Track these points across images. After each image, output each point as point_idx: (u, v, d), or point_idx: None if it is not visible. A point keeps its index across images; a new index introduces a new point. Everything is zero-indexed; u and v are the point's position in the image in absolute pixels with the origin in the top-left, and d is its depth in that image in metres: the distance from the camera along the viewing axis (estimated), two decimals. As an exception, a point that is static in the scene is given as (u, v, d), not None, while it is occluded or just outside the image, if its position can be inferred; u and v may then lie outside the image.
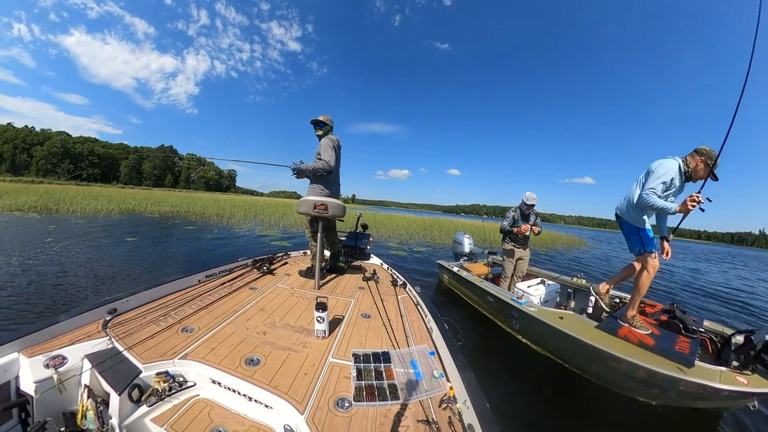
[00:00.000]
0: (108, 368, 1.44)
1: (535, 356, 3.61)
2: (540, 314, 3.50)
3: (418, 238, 14.85)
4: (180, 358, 1.57)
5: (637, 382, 2.75)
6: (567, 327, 3.17)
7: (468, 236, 6.43)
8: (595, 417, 2.79)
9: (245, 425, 1.37)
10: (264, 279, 2.97)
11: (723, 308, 7.36)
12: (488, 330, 4.33)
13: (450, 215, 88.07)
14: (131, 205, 18.30)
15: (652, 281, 3.09)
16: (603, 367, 2.96)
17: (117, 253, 7.33)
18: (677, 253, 26.42)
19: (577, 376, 3.21)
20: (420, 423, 1.29)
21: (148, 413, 1.35)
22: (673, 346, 2.69)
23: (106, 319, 1.81)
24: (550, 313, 3.51)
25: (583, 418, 2.77)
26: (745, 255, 38.53)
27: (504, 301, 4.03)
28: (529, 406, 2.80)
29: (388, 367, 1.63)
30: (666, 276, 11.24)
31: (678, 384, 2.49)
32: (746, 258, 31.19)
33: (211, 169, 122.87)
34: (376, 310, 2.41)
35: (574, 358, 3.30)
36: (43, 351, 1.47)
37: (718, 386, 2.31)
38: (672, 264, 15.61)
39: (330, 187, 3.10)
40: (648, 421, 2.72)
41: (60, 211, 14.47)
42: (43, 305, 3.96)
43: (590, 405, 2.93)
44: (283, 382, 1.46)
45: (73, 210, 15.02)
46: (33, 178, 68.11)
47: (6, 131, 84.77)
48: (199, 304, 2.21)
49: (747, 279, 13.46)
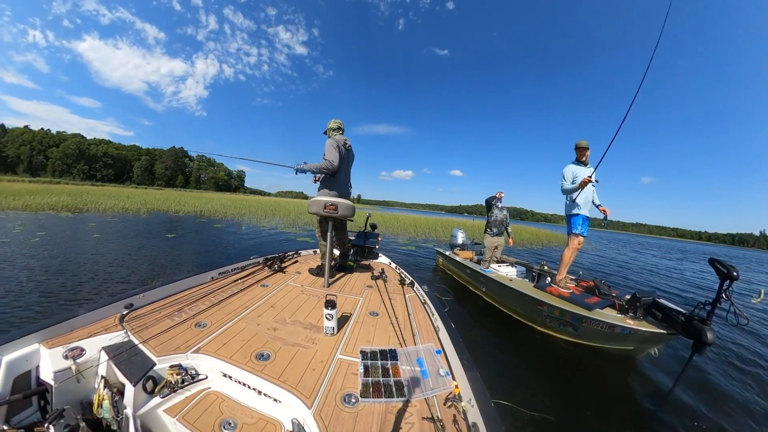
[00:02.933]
0: (124, 360, 1.45)
1: (494, 312, 4.96)
2: (496, 277, 5.07)
3: (424, 235, 15.78)
4: (193, 352, 1.58)
5: (555, 320, 3.93)
6: (513, 285, 4.57)
7: (462, 231, 7.95)
8: (525, 351, 3.80)
9: (254, 418, 1.37)
10: (275, 277, 2.98)
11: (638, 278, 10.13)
12: (466, 294, 5.86)
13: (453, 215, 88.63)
14: (155, 204, 18.59)
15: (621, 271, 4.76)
16: (532, 311, 4.24)
17: (162, 246, 8.09)
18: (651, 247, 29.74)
19: (517, 323, 4.50)
20: (425, 420, 1.28)
21: (161, 404, 1.36)
22: (583, 300, 3.77)
23: (122, 314, 1.83)
24: (503, 277, 5.08)
25: (516, 353, 3.73)
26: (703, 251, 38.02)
27: (476, 271, 5.61)
28: (485, 343, 3.91)
29: (395, 364, 1.62)
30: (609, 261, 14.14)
31: (582, 321, 3.56)
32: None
33: (221, 169, 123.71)
34: (384, 308, 2.40)
35: (516, 305, 4.62)
36: (63, 343, 1.49)
37: (610, 321, 3.32)
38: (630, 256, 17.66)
39: (338, 188, 3.07)
40: (563, 356, 3.67)
41: (90, 210, 14.71)
42: (124, 287, 4.71)
43: (523, 344, 3.99)
44: (292, 377, 1.46)
45: (102, 209, 15.28)
46: (50, 178, 68.98)
47: (23, 134, 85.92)
48: (212, 300, 2.22)
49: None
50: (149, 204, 18.22)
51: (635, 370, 3.42)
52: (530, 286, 4.51)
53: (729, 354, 4.12)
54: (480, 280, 5.47)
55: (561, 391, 2.97)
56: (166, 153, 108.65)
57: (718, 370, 3.63)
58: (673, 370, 3.43)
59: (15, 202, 13.63)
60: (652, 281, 9.81)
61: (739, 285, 7.13)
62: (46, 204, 14.29)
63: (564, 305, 3.76)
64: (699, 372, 3.51)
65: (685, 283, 10.04)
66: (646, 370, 3.43)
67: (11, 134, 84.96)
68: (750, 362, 3.93)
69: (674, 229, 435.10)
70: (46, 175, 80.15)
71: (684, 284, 9.85)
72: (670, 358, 3.75)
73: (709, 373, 3.52)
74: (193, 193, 51.00)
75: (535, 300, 4.07)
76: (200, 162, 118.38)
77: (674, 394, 2.93)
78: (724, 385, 3.26)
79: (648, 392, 3.07)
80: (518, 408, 2.52)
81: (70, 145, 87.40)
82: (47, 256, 6.07)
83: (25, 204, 13.67)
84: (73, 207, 14.80)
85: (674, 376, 3.08)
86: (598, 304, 3.60)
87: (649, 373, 3.39)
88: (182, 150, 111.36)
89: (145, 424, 1.31)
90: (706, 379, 3.39)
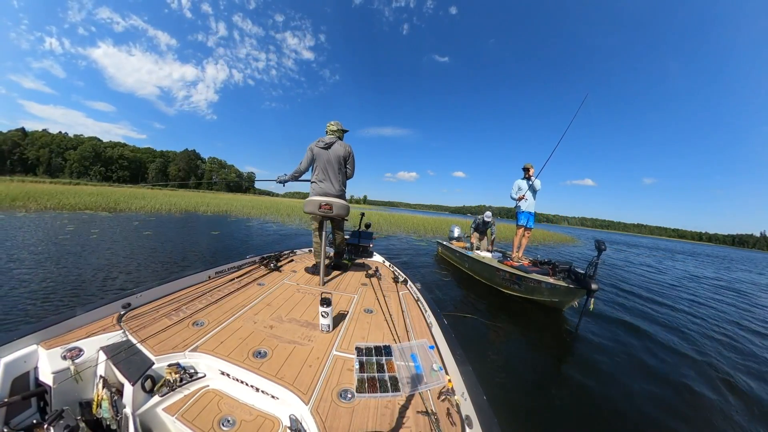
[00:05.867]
0: (122, 360, 1.43)
1: (474, 283, 6.42)
2: (474, 256, 6.67)
3: (432, 233, 17.11)
4: (191, 350, 1.56)
5: (506, 281, 5.45)
6: (485, 260, 6.19)
7: (458, 227, 10.10)
8: (487, 302, 5.19)
9: (252, 415, 1.35)
10: (271, 275, 2.95)
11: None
12: (456, 271, 7.52)
13: (457, 215, 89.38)
14: (182, 205, 18.82)
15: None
16: (493, 275, 5.80)
17: (213, 241, 9.05)
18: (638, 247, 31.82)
19: (484, 285, 6.13)
20: (419, 414, 1.27)
21: (160, 403, 1.34)
22: (526, 268, 5.16)
23: (120, 313, 1.80)
24: (479, 255, 6.72)
25: (481, 303, 5.15)
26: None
27: (463, 254, 7.29)
28: (463, 300, 5.30)
29: (390, 360, 1.60)
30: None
31: (522, 279, 4.99)
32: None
33: (232, 171, 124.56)
34: (379, 305, 2.38)
35: (483, 273, 6.28)
36: (61, 343, 1.47)
37: (538, 278, 4.68)
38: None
39: (319, 183, 3.06)
40: (513, 308, 4.94)
41: (123, 210, 14.82)
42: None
43: (486, 297, 5.45)
44: (289, 374, 1.44)
45: (134, 209, 15.44)
46: (69, 179, 69.99)
47: (42, 137, 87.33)
48: (210, 299, 2.20)
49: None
50: (176, 205, 18.40)
51: (561, 317, 4.74)
52: (495, 261, 6.09)
53: (609, 295, 6.67)
54: (465, 259, 7.21)
55: (509, 327, 4.27)
56: (179, 155, 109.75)
57: (604, 305, 5.73)
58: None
59: (48, 202, 13.79)
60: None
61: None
62: (82, 204, 14.46)
63: (512, 270, 5.26)
64: (595, 314, 4.96)
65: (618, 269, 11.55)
66: (567, 315, 4.81)
67: (31, 137, 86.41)
68: (622, 295, 6.74)
69: (675, 230, 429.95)
70: (64, 176, 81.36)
71: (618, 270, 11.27)
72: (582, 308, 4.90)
73: (599, 308, 5.33)
74: (209, 194, 51.39)
75: (494, 268, 5.65)
76: (212, 164, 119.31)
77: (582, 324, 4.15)
78: (606, 312, 5.30)
79: (567, 326, 4.46)
80: (479, 326, 4.14)
81: (87, 147, 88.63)
82: (121, 252, 6.56)
83: (61, 204, 13.83)
84: (107, 207, 14.95)
85: (582, 317, 4.20)
86: (535, 271, 4.95)
87: (569, 316, 4.77)
88: (194, 152, 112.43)
89: (145, 423, 1.29)
90: (598, 311, 5.12)
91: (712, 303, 7.02)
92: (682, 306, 6.36)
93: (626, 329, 4.55)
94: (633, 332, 4.44)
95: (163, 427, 1.31)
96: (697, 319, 5.51)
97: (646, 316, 5.31)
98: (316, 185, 3.06)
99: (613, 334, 4.31)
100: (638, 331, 4.48)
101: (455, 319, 4.19)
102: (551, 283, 4.49)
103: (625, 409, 2.62)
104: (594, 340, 4.02)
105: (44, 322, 1.53)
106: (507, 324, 4.32)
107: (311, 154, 3.09)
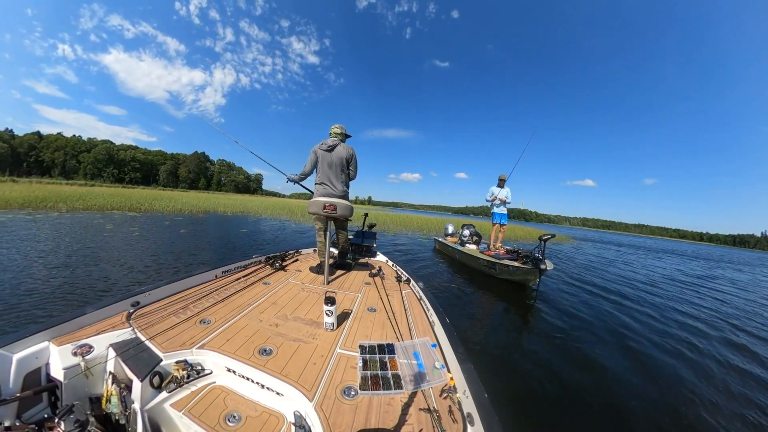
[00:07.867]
0: (131, 357, 1.43)
1: (465, 270, 7.41)
2: (463, 249, 8.00)
3: (435, 231, 17.67)
4: (198, 347, 1.56)
5: (486, 266, 6.70)
6: (470, 252, 7.53)
7: (452, 225, 11.13)
8: (473, 282, 6.32)
9: (258, 411, 1.35)
10: (276, 275, 2.94)
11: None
12: (450, 261, 8.57)
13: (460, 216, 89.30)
14: (201, 206, 19.00)
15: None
16: (477, 263, 7.12)
17: (246, 238, 9.56)
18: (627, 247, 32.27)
19: (471, 270, 7.39)
20: (422, 411, 1.26)
21: (167, 398, 1.34)
22: (500, 256, 6.40)
23: (129, 311, 1.81)
24: (467, 248, 8.02)
25: (470, 284, 6.20)
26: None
27: (453, 247, 8.58)
28: (452, 282, 6.25)
29: (392, 358, 1.59)
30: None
31: (495, 265, 6.30)
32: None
33: (240, 173, 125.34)
34: (382, 304, 2.37)
35: (470, 262, 7.55)
36: (72, 340, 1.48)
37: (507, 263, 5.90)
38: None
39: (322, 184, 3.08)
40: (493, 288, 5.94)
41: (148, 211, 14.96)
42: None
43: (474, 280, 6.54)
44: (294, 371, 1.44)
45: (158, 209, 15.62)
46: (84, 181, 70.83)
47: (57, 140, 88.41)
48: (216, 297, 2.20)
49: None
50: (195, 206, 18.57)
51: (525, 291, 5.89)
52: (478, 252, 7.32)
53: (558, 274, 8.33)
54: (456, 252, 8.44)
55: (490, 299, 5.37)
56: (189, 158, 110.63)
57: (552, 281, 7.27)
58: (541, 288, 6.04)
59: (77, 203, 13.90)
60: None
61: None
62: (108, 205, 14.60)
63: (488, 258, 6.53)
64: (547, 286, 6.59)
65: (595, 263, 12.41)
66: (530, 291, 5.88)
67: (46, 140, 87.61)
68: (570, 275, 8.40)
69: (676, 230, 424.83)
70: (78, 178, 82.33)
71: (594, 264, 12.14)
72: (542, 285, 6.12)
73: (546, 284, 6.79)
74: (219, 195, 51.59)
75: (476, 257, 6.99)
76: (221, 166, 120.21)
77: (538, 295, 5.49)
78: (551, 284, 6.93)
79: (527, 297, 5.58)
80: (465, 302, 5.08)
81: (100, 150, 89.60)
82: (182, 245, 7.24)
83: (89, 205, 13.93)
84: (133, 207, 15.07)
85: (539, 290, 5.55)
86: (507, 258, 6.14)
87: (531, 291, 5.82)
88: (204, 155, 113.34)
89: (153, 419, 1.29)
90: (546, 285, 6.64)
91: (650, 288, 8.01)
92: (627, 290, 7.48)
93: (573, 302, 5.76)
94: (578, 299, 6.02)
95: (171, 423, 1.31)
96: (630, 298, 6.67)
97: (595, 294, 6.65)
98: (320, 187, 3.06)
99: (564, 304, 5.57)
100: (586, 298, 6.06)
101: (445, 289, 5.64)
102: (516, 266, 5.70)
103: (570, 349, 3.58)
104: (548, 311, 5.06)
105: (56, 320, 1.54)
106: (485, 294, 5.65)
107: (315, 157, 3.11)
